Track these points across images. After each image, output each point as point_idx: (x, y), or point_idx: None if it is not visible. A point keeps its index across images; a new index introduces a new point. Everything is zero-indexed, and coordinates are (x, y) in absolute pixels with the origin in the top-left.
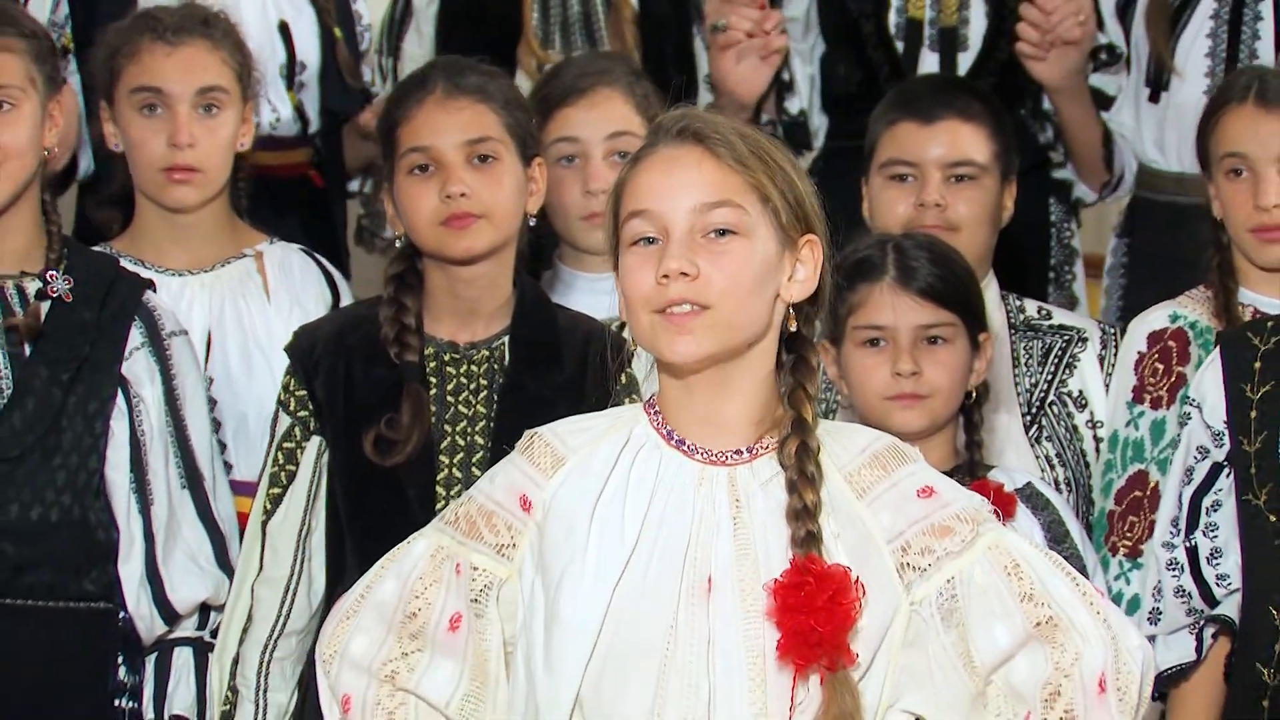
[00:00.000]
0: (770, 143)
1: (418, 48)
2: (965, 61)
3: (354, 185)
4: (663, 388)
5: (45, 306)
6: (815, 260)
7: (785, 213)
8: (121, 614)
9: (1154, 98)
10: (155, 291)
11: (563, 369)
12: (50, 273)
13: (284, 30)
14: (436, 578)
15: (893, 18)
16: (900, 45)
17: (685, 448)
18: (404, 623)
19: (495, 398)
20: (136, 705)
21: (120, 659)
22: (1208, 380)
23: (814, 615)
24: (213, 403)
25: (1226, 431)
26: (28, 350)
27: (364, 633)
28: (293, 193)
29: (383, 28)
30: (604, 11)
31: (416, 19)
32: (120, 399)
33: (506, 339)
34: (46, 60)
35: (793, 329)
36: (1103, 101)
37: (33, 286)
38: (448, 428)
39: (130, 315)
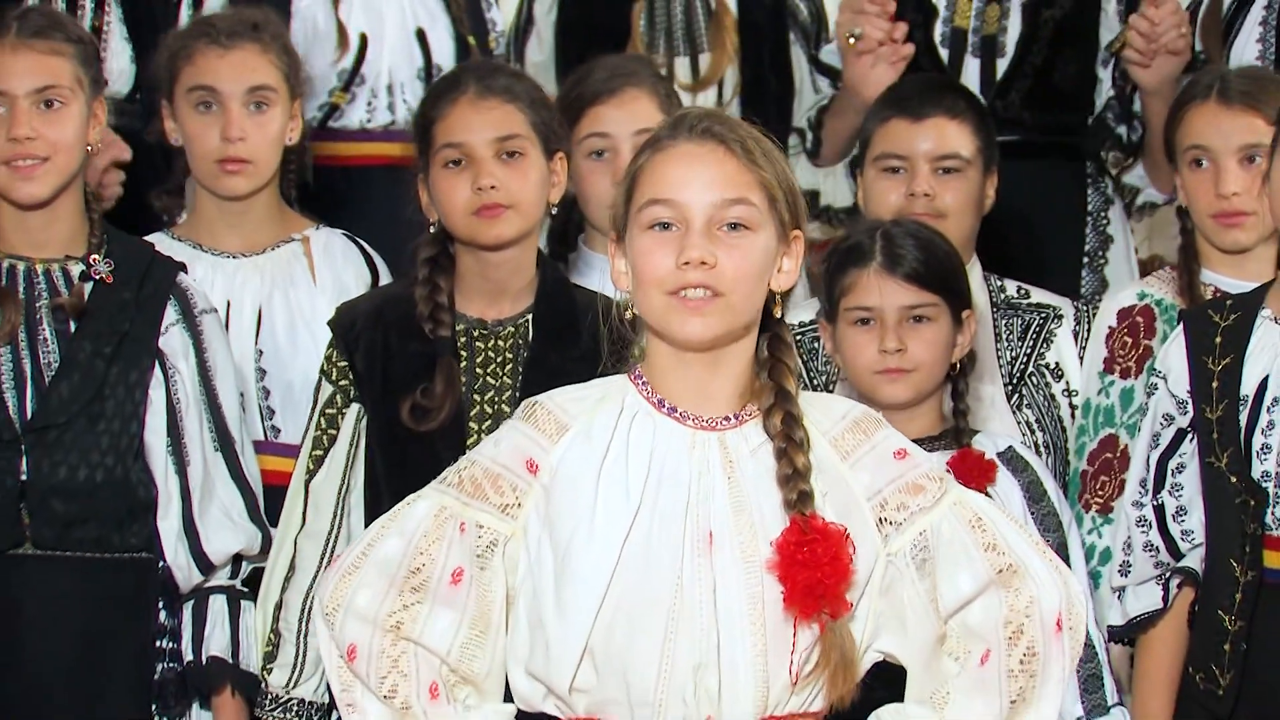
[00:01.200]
0: (774, 145)
1: (538, 54)
2: (1002, 66)
3: None
4: (655, 359)
5: (88, 288)
6: (799, 254)
7: (785, 210)
8: (161, 564)
9: None
10: (187, 273)
11: (580, 343)
12: (93, 257)
13: (420, 36)
14: (439, 535)
15: (939, 28)
16: (945, 53)
17: (677, 414)
18: (407, 577)
19: (520, 370)
20: (176, 647)
21: (160, 605)
22: (1173, 353)
23: (818, 570)
24: (261, 373)
25: (1190, 400)
26: (73, 327)
27: (368, 587)
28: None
29: (508, 35)
30: (705, 20)
31: (538, 27)
32: (157, 370)
33: (530, 316)
34: (92, 64)
35: (778, 315)
36: None
37: (76, 269)
38: (476, 397)
39: (166, 294)
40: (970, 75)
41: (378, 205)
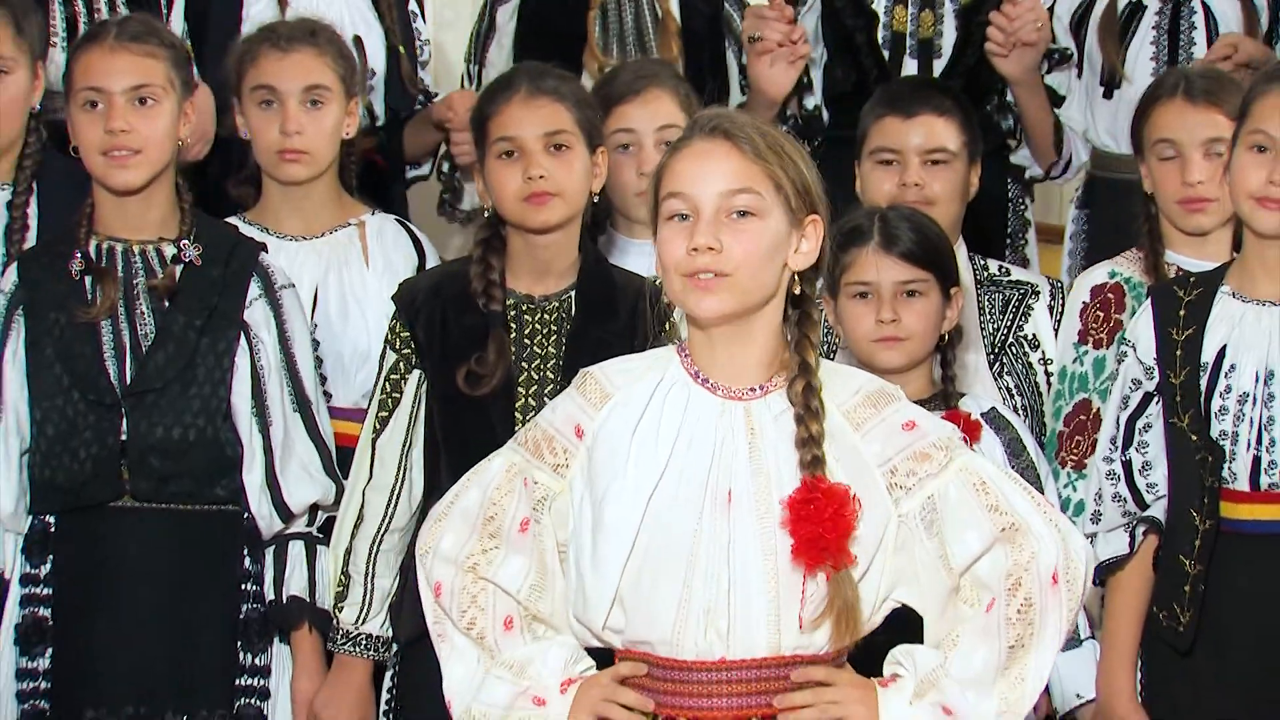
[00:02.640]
0: (784, 138)
1: (499, 57)
2: (938, 66)
3: (425, 169)
4: (690, 336)
5: (179, 269)
6: (817, 236)
7: (794, 198)
8: (246, 515)
9: (1107, 95)
10: (268, 253)
11: (618, 317)
12: (183, 242)
13: (358, 43)
14: (510, 489)
15: (881, 32)
16: (886, 54)
17: (709, 385)
18: (484, 524)
19: (563, 341)
20: (259, 589)
21: (245, 551)
22: (1141, 325)
23: (822, 525)
24: (315, 344)
25: (1156, 367)
26: (167, 303)
27: (452, 532)
28: (359, 172)
29: (471, 40)
30: (653, 27)
31: (499, 34)
32: (243, 340)
33: (573, 293)
34: (183, 67)
35: (796, 292)
36: (1055, 98)
37: (169, 250)
38: (524, 365)
39: (249, 272)
40: (908, 74)
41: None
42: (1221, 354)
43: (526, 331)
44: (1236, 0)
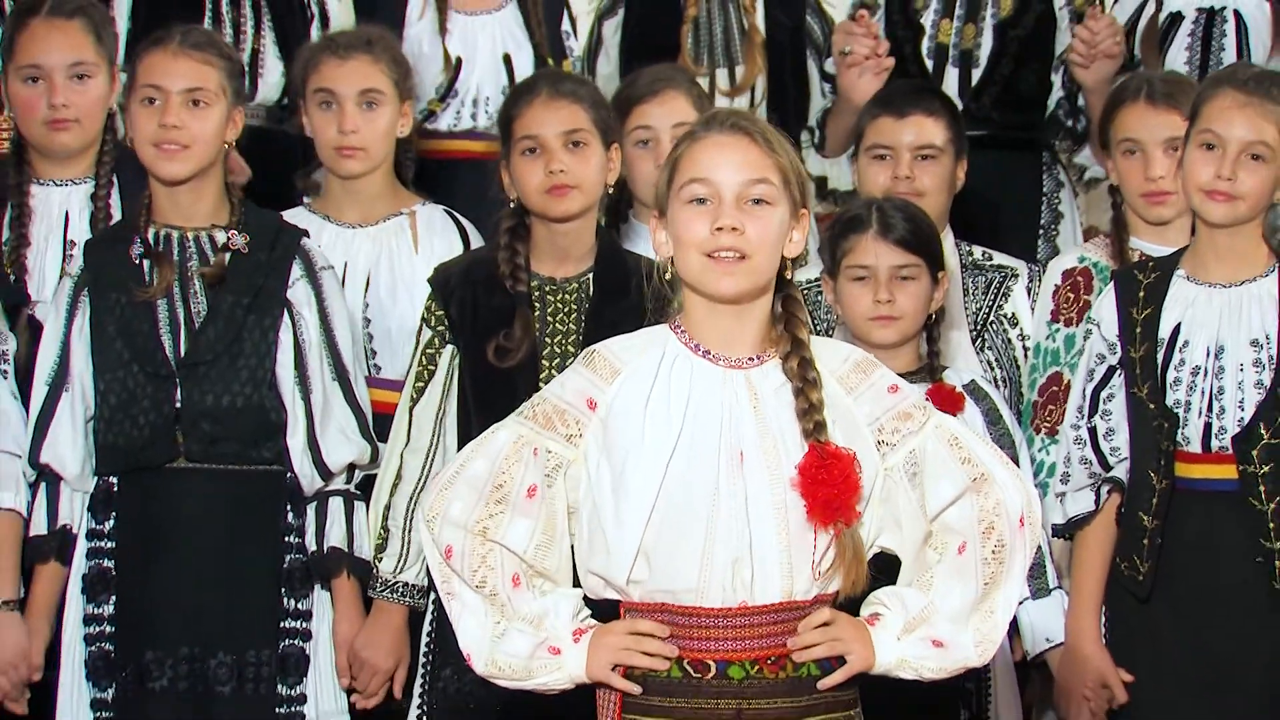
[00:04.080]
0: (785, 138)
1: (606, 67)
2: (976, 75)
3: None
4: (691, 311)
5: (227, 257)
6: (806, 228)
7: (796, 190)
8: (289, 474)
9: None
10: (309, 238)
11: (630, 296)
12: (231, 232)
13: (507, 60)
14: (518, 458)
15: (925, 43)
16: (930, 63)
17: (710, 356)
18: (492, 492)
19: (582, 318)
20: (301, 541)
21: (288, 507)
22: (1105, 305)
23: (834, 487)
24: (366, 322)
25: (1119, 343)
26: (217, 282)
27: (461, 499)
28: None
29: (583, 53)
30: (740, 39)
31: (605, 46)
32: (286, 317)
33: (591, 275)
34: (236, 78)
35: (789, 276)
36: None
37: (220, 236)
38: (547, 340)
39: (292, 255)
40: (950, 82)
41: (463, 189)
42: (1176, 331)
43: (549, 310)
44: (1268, 9)
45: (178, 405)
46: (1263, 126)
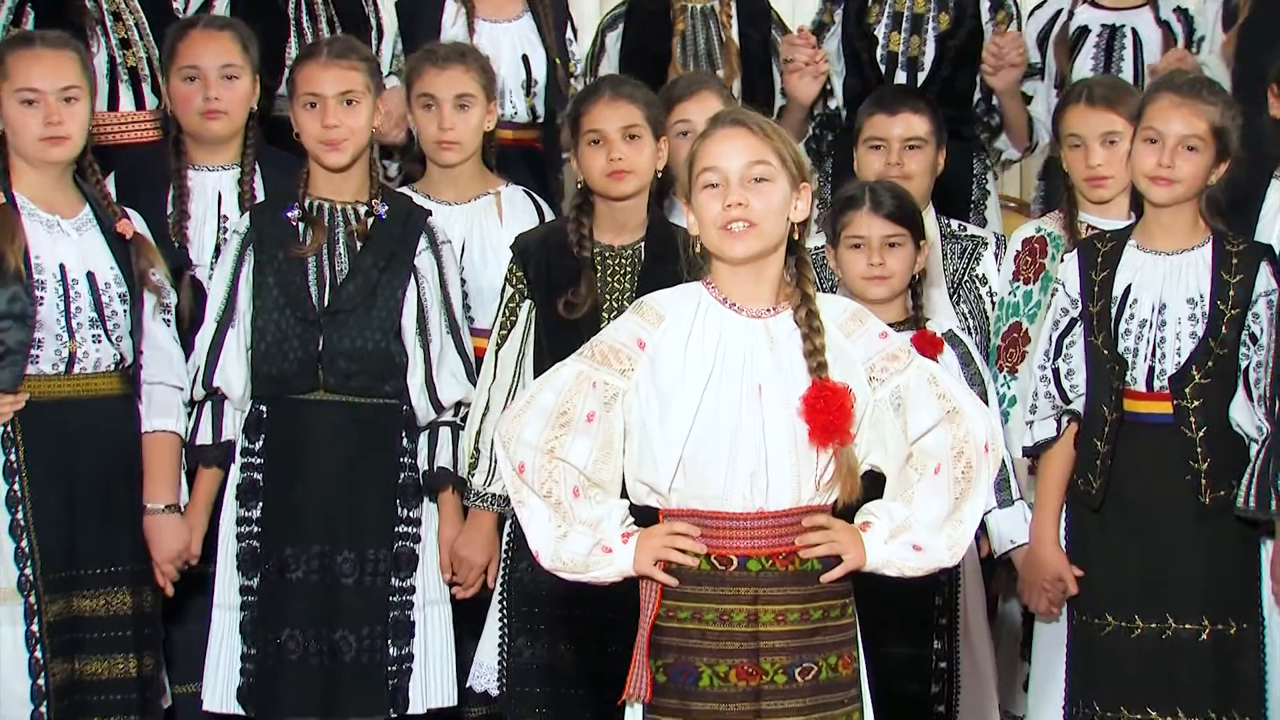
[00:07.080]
0: (780, 126)
1: (607, 70)
2: (920, 77)
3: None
4: (717, 272)
5: (370, 221)
6: (808, 198)
7: (793, 168)
8: (405, 407)
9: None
10: (433, 216)
11: (676, 262)
12: (375, 201)
13: (525, 60)
14: (579, 389)
15: (879, 52)
16: (883, 68)
17: (735, 308)
18: (558, 418)
19: (636, 279)
20: (414, 461)
21: (404, 433)
22: (1069, 268)
23: (830, 415)
24: (463, 282)
25: (1080, 299)
26: (358, 247)
27: (532, 425)
28: (525, 155)
29: (586, 58)
30: (719, 48)
31: (608, 53)
32: (412, 280)
33: (642, 244)
34: (375, 75)
35: (795, 238)
36: (1025, 98)
37: (362, 209)
38: (606, 296)
39: (419, 230)
40: (899, 83)
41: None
42: (1128, 291)
43: (608, 272)
44: (1158, 28)
45: (320, 346)
46: (1196, 123)
